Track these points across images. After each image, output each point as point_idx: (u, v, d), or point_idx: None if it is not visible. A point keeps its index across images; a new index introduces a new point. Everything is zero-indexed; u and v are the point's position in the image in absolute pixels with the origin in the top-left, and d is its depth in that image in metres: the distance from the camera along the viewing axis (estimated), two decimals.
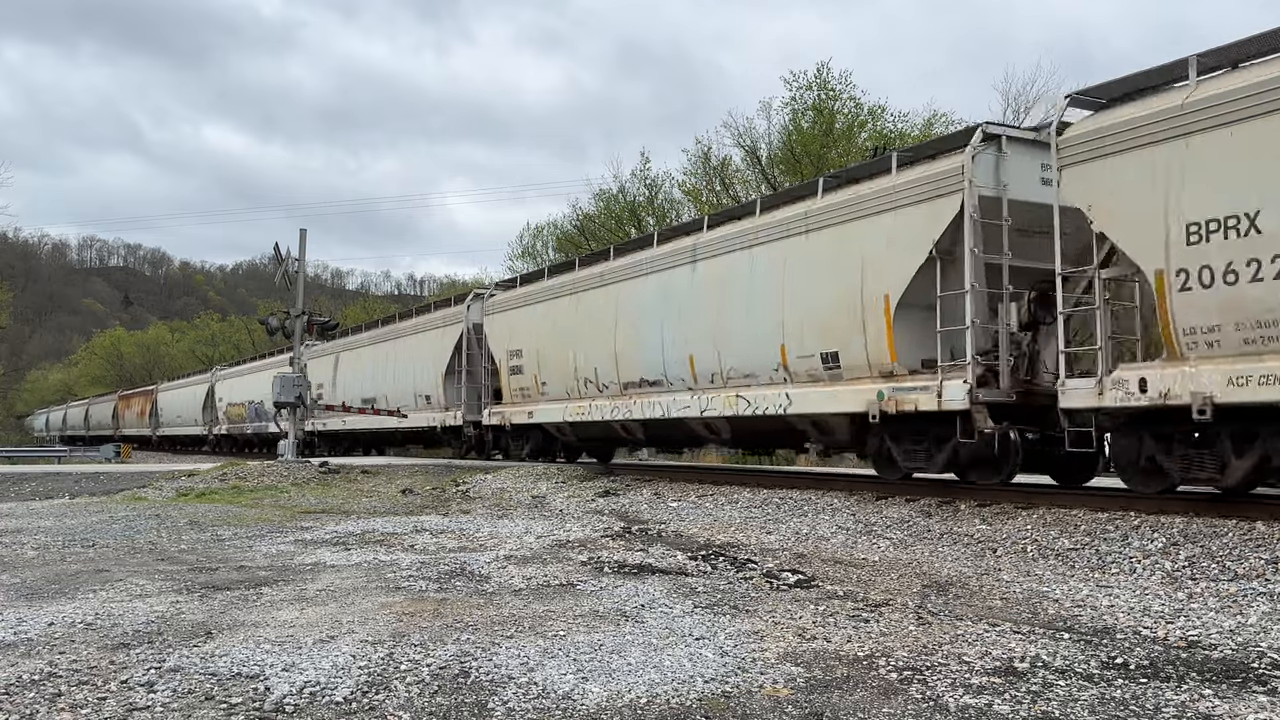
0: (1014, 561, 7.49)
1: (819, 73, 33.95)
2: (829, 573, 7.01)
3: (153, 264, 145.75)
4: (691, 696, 3.81)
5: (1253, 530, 7.08)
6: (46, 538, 8.87)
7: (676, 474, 15.15)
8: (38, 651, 4.43)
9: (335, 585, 6.25)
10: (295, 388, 19.78)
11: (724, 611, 5.43)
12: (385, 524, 10.16)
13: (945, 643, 4.72)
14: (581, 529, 9.54)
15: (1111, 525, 7.87)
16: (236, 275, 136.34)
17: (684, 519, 10.78)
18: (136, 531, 9.46)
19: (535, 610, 5.44)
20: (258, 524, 10.34)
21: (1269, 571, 6.25)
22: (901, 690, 3.91)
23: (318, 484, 15.86)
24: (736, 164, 37.70)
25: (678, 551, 7.94)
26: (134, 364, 78.68)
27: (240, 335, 71.65)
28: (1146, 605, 5.76)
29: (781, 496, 11.52)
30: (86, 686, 3.86)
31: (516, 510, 12.31)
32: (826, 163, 30.37)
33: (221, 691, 3.80)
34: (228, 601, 5.68)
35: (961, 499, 9.87)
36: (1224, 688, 3.96)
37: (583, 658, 4.36)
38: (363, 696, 3.76)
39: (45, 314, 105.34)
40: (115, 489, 15.96)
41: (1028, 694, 3.85)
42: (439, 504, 13.55)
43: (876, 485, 11.75)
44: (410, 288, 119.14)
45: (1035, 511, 8.79)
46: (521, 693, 3.82)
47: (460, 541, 8.67)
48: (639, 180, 40.43)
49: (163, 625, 4.99)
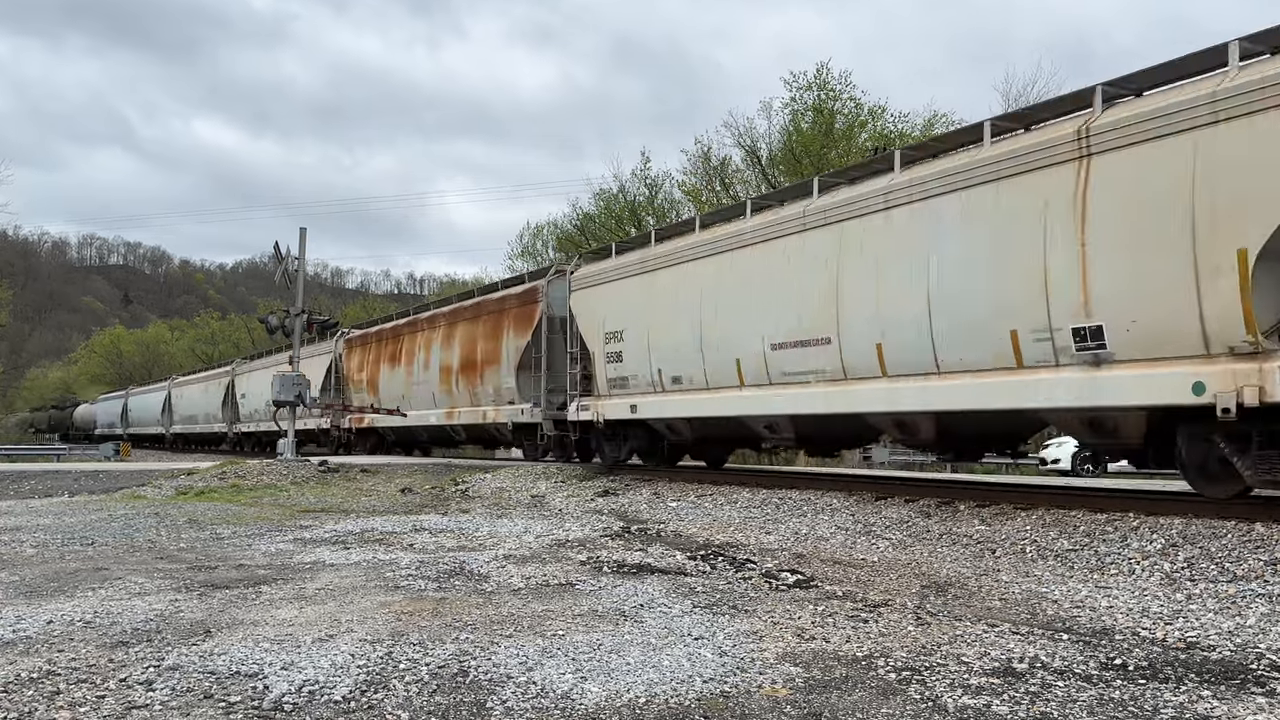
0: (1013, 562, 7.49)
1: (819, 73, 34.05)
2: (828, 573, 7.01)
3: (152, 262, 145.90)
4: (690, 696, 3.81)
5: (1251, 532, 7.08)
6: (45, 536, 8.87)
7: (676, 474, 15.14)
8: (36, 649, 4.43)
9: (334, 584, 6.25)
10: (295, 386, 19.81)
11: (723, 611, 5.43)
12: (384, 523, 10.16)
13: (944, 643, 4.72)
14: (581, 528, 9.54)
15: (1110, 526, 7.87)
16: (236, 274, 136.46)
17: (683, 519, 10.78)
18: (136, 530, 9.46)
19: (534, 610, 5.44)
20: (257, 523, 10.34)
21: (1268, 573, 6.25)
22: (900, 690, 3.91)
23: (317, 483, 15.86)
24: (736, 164, 37.76)
25: (677, 551, 7.94)
26: (133, 362, 78.68)
27: (240, 334, 71.65)
28: (1145, 606, 5.76)
29: (781, 497, 11.52)
30: (85, 685, 3.86)
31: (515, 510, 12.31)
32: (827, 163, 30.39)
33: (220, 690, 3.80)
34: (227, 600, 5.68)
35: (961, 500, 9.87)
36: (1222, 689, 3.96)
37: (581, 657, 4.36)
38: (361, 695, 3.76)
39: (45, 312, 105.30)
40: (114, 487, 15.95)
41: (1026, 695, 3.85)
42: (438, 503, 13.55)
43: (875, 486, 11.76)
44: (410, 287, 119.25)
45: (1034, 512, 8.79)
46: (520, 692, 3.82)
47: (459, 541, 8.67)
48: (639, 180, 40.52)
49: (161, 624, 4.99)
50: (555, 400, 17.27)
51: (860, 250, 10.53)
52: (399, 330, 24.87)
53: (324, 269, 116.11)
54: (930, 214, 9.70)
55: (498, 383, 19.41)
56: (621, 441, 15.94)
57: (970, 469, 24.36)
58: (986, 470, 24.39)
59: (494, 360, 19.63)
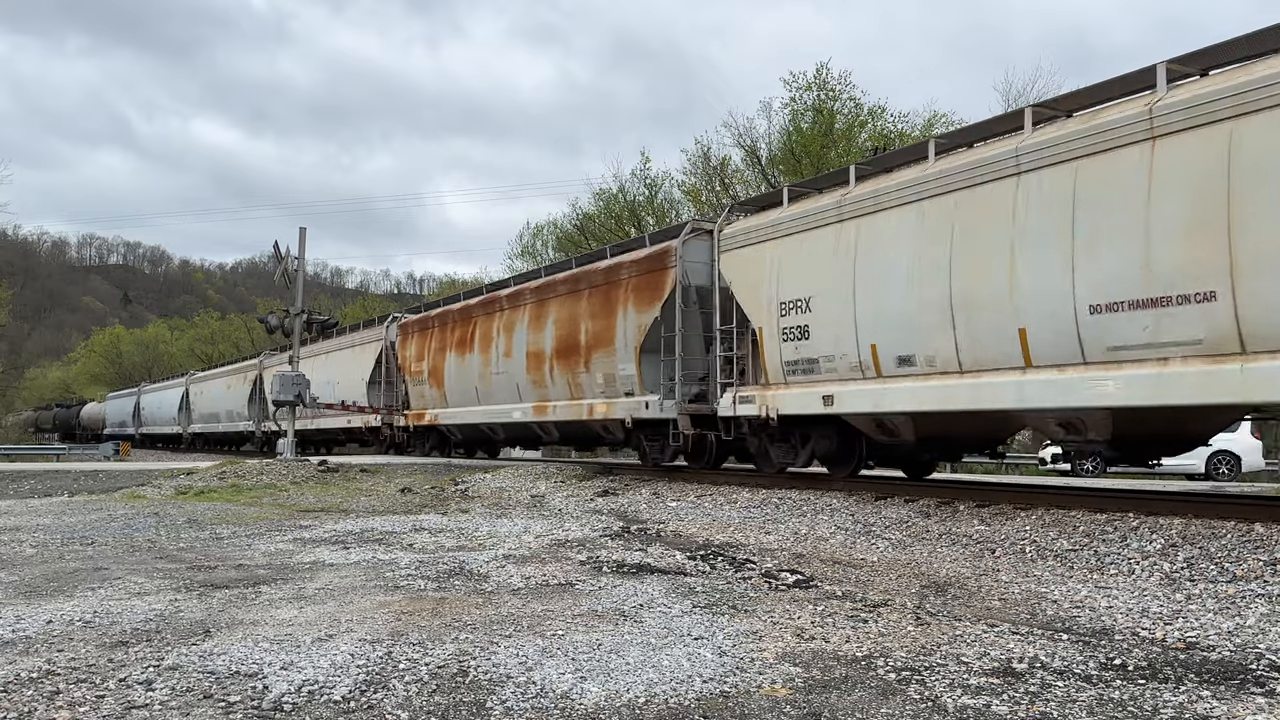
0: (1012, 562, 7.49)
1: (818, 73, 34.06)
2: (827, 573, 7.01)
3: (152, 262, 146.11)
4: (690, 696, 3.80)
5: (1251, 532, 7.09)
6: (45, 535, 8.87)
7: (675, 474, 15.13)
8: (36, 649, 4.43)
9: (334, 584, 6.25)
10: (295, 386, 19.83)
11: (722, 611, 5.43)
12: (384, 523, 10.16)
13: (944, 643, 4.72)
14: (580, 528, 9.54)
15: (1110, 527, 7.87)
16: (236, 273, 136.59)
17: (683, 519, 10.78)
18: (135, 529, 9.46)
19: (534, 609, 5.43)
20: (256, 522, 10.34)
21: (1267, 573, 6.26)
22: (900, 690, 3.91)
23: (316, 483, 15.86)
24: (736, 164, 37.79)
25: (676, 551, 7.94)
26: (133, 362, 78.70)
27: (240, 334, 71.66)
28: (1145, 606, 5.76)
29: (780, 497, 11.52)
30: (85, 684, 3.86)
31: (515, 509, 12.30)
32: (826, 163, 30.39)
33: (220, 690, 3.80)
34: (226, 600, 5.68)
35: (960, 500, 9.87)
36: (1222, 689, 3.97)
37: (581, 657, 4.36)
38: (361, 695, 3.76)
39: (44, 311, 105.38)
40: (114, 487, 15.95)
41: (1026, 695, 3.85)
42: (438, 503, 13.55)
43: (875, 486, 11.76)
44: (410, 286, 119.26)
45: (1034, 512, 8.80)
46: (520, 692, 3.82)
47: (459, 540, 8.67)
48: (639, 180, 40.57)
49: (161, 623, 4.99)
50: (690, 391, 13.88)
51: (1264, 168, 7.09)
52: (470, 312, 20.62)
53: (324, 268, 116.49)
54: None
55: (610, 369, 15.45)
56: (799, 443, 12.62)
57: (970, 469, 24.36)
58: (987, 470, 24.39)
59: (604, 342, 15.54)
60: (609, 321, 15.48)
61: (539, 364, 17.45)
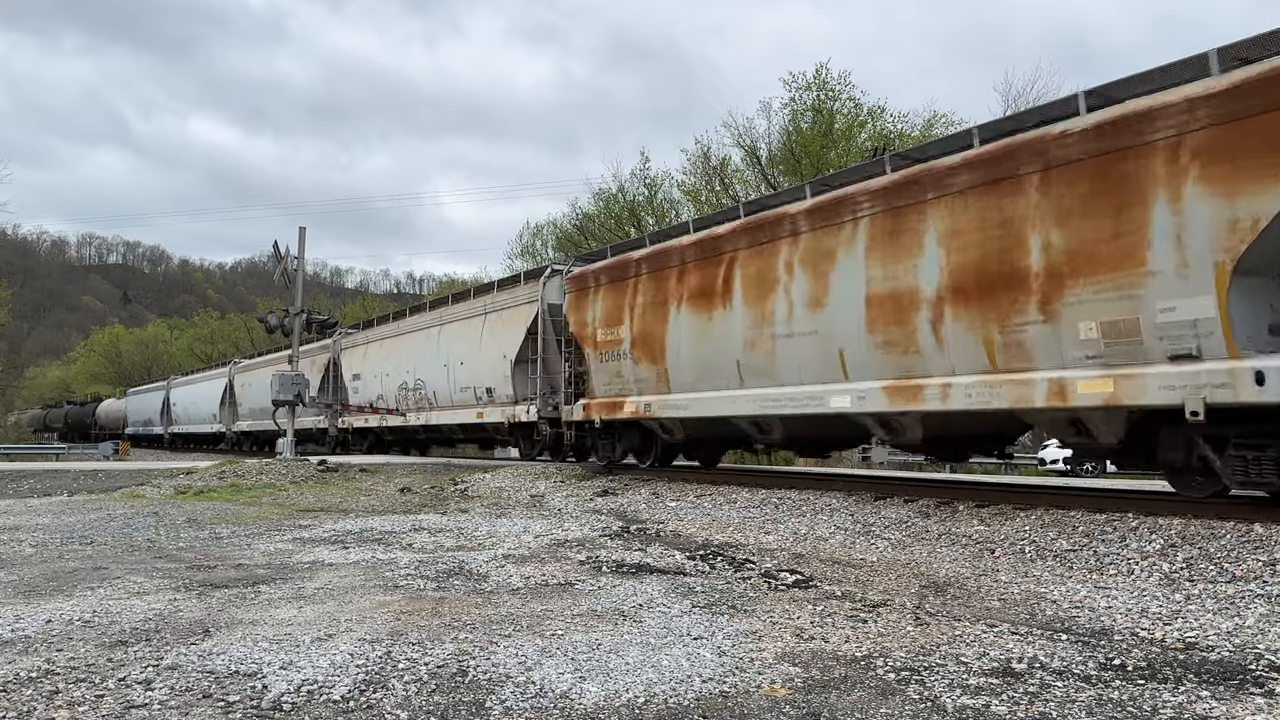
0: (1012, 562, 7.49)
1: (818, 73, 34.08)
2: (827, 573, 7.01)
3: (152, 261, 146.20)
4: (689, 696, 3.80)
5: (1250, 532, 7.09)
6: (44, 535, 8.87)
7: (675, 474, 15.14)
8: (35, 649, 4.42)
9: (333, 584, 6.25)
10: (294, 385, 19.83)
11: (722, 611, 5.43)
12: (383, 523, 10.16)
13: (943, 643, 4.72)
14: (580, 528, 9.54)
15: (1109, 527, 7.87)
16: (235, 273, 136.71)
17: (682, 519, 10.78)
18: (135, 529, 9.46)
19: (533, 609, 5.43)
20: (256, 522, 10.34)
21: (1266, 574, 6.26)
22: (899, 690, 3.91)
23: (316, 482, 15.86)
24: (736, 164, 37.81)
25: (676, 551, 7.94)
26: (132, 361, 78.70)
27: (239, 333, 71.66)
28: (1144, 607, 5.77)
29: (780, 497, 11.52)
30: (84, 684, 3.86)
31: (515, 509, 12.30)
32: (826, 163, 30.42)
33: (219, 689, 3.79)
34: (225, 599, 5.67)
35: (960, 500, 9.88)
36: (1221, 689, 3.97)
37: (580, 657, 4.35)
38: (360, 695, 3.76)
39: (44, 311, 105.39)
40: (114, 486, 15.95)
41: (1025, 695, 3.85)
42: (437, 503, 13.54)
43: (874, 486, 11.76)
44: (409, 286, 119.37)
45: (1034, 513, 8.80)
46: (519, 692, 3.82)
47: (458, 540, 8.66)
48: (638, 180, 40.60)
49: (160, 623, 4.98)
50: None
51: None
52: (710, 246, 13.19)
53: (323, 268, 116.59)
54: None
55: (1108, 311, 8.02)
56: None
57: (969, 469, 24.37)
58: (986, 470, 24.40)
59: (1110, 259, 7.90)
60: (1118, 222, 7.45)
61: (906, 314, 9.92)
